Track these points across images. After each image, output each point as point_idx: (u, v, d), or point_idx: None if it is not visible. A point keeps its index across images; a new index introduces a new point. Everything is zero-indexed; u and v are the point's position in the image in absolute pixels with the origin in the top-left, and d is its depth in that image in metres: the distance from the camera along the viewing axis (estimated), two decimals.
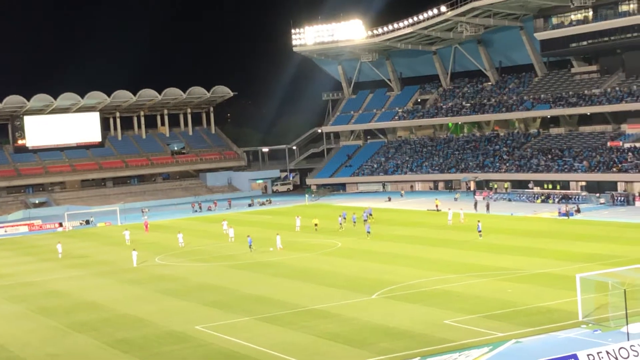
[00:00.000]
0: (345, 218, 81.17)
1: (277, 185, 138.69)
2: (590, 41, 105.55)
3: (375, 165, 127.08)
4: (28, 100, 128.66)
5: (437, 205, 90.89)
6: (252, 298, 48.64)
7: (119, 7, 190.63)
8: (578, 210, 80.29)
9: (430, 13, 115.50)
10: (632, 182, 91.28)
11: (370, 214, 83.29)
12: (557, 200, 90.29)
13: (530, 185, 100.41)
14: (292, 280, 53.72)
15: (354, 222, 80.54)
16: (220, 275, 57.74)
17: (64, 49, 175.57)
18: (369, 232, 71.99)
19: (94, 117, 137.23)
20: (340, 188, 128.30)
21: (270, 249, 67.68)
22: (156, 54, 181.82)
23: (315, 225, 78.82)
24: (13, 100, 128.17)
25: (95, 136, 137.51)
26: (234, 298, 49.00)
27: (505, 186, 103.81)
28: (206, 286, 53.77)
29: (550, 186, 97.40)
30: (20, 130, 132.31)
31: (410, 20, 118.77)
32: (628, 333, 33.89)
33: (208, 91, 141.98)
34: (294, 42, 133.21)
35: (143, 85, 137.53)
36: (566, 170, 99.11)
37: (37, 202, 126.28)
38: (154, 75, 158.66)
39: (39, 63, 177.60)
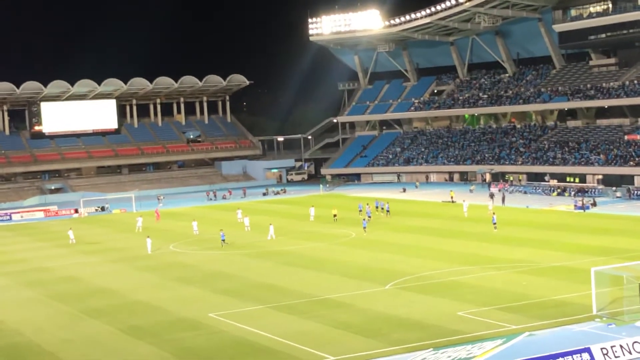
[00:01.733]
0: (361, 210, 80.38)
1: (291, 174, 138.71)
2: (609, 34, 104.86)
3: (390, 156, 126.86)
4: (45, 86, 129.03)
5: (452, 197, 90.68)
6: (265, 286, 48.67)
7: None
8: (594, 204, 79.90)
9: (448, 4, 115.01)
10: None
11: (382, 208, 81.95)
12: (573, 193, 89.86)
13: (546, 177, 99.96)
14: (305, 270, 53.72)
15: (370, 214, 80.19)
16: (234, 264, 57.81)
17: (81, 36, 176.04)
18: (369, 217, 73.97)
19: (111, 104, 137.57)
20: (355, 178, 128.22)
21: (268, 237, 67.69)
22: (173, 41, 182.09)
23: (335, 215, 77.95)
24: (30, 87, 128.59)
25: (112, 123, 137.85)
26: (248, 286, 49.05)
27: (520, 178, 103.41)
28: (220, 274, 53.85)
29: (572, 179, 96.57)
30: (37, 116, 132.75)
31: (428, 11, 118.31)
32: None
33: (224, 80, 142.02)
34: (310, 32, 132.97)
35: (159, 73, 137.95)
36: (583, 163, 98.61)
37: (53, 188, 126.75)
38: (170, 63, 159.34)
39: (56, 49, 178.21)
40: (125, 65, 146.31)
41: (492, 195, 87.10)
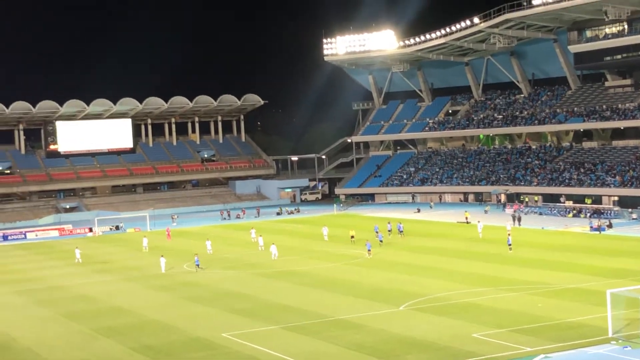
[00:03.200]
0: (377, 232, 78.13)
1: (305, 194, 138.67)
2: (624, 55, 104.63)
3: (404, 176, 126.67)
4: (61, 105, 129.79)
5: (466, 218, 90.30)
6: (278, 307, 48.52)
7: (152, 15, 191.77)
8: (610, 225, 79.40)
9: (462, 24, 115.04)
10: None
11: (399, 231, 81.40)
12: (589, 214, 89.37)
13: (562, 199, 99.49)
14: (319, 290, 53.55)
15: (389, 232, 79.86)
16: (248, 283, 57.70)
17: (97, 55, 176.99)
18: (381, 241, 72.77)
19: (126, 124, 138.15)
20: (369, 198, 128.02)
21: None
22: (188, 61, 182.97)
23: (352, 237, 76.40)
24: (46, 106, 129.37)
25: (127, 142, 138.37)
26: (261, 306, 48.91)
27: (536, 199, 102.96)
28: (233, 294, 53.75)
29: (589, 201, 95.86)
30: (52, 135, 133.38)
31: (443, 31, 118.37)
32: None
33: (239, 99, 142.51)
34: (325, 52, 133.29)
35: (175, 93, 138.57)
36: (599, 184, 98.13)
37: (67, 207, 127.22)
38: (185, 83, 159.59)
39: (72, 69, 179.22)
40: (141, 85, 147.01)
41: (516, 218, 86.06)
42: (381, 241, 73.33)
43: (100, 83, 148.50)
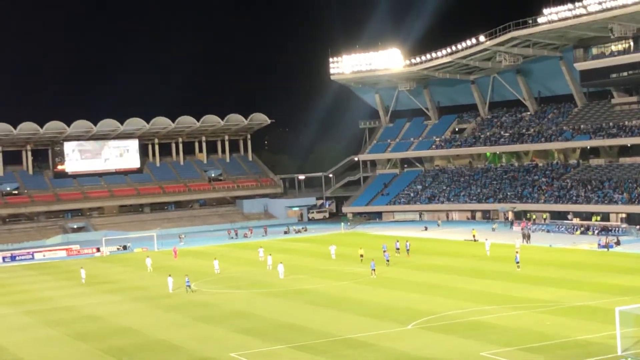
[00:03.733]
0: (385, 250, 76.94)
1: (313, 212, 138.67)
2: (630, 72, 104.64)
3: (411, 194, 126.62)
4: (68, 126, 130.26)
5: (474, 236, 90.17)
6: (286, 326, 48.43)
7: (158, 36, 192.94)
8: (618, 243, 79.17)
9: (468, 42, 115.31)
10: None
11: (401, 248, 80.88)
12: (596, 232, 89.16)
13: (569, 216, 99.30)
14: (327, 309, 53.44)
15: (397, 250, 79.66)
16: (255, 303, 57.62)
17: (104, 75, 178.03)
18: (387, 261, 71.97)
19: (133, 144, 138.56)
20: (376, 217, 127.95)
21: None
22: (195, 81, 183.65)
23: (361, 256, 75.95)
24: (53, 126, 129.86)
25: (134, 162, 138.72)
26: (269, 325, 48.82)
27: (544, 217, 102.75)
28: (241, 313, 53.67)
29: (597, 218, 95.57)
30: (60, 155, 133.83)
31: (449, 50, 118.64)
32: None
33: (246, 118, 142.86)
34: (331, 71, 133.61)
35: (182, 112, 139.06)
36: (606, 202, 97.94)
37: (75, 227, 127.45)
38: (192, 102, 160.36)
39: (79, 89, 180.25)
40: (148, 105, 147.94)
41: (526, 236, 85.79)
42: (388, 261, 72.44)
43: (108, 103, 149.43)
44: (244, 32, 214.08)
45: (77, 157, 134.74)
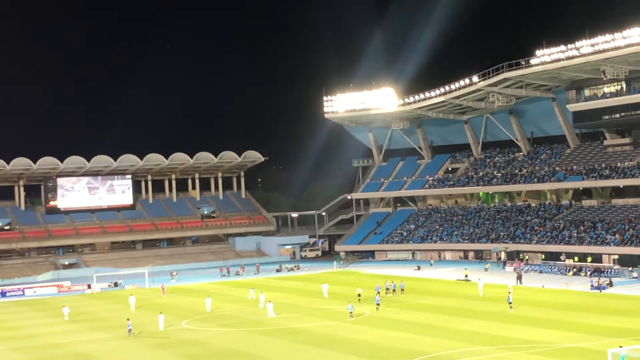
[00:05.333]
0: (379, 292, 75.18)
1: (305, 250, 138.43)
2: (623, 114, 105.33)
3: (404, 233, 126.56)
4: (61, 162, 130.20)
5: (466, 275, 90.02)
6: None
7: (152, 72, 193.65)
8: (610, 284, 79.07)
9: (462, 83, 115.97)
10: None
11: (393, 290, 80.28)
12: (589, 273, 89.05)
13: (562, 257, 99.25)
14: (318, 348, 53.13)
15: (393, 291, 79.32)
16: (247, 341, 57.26)
17: (98, 112, 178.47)
18: (378, 305, 69.67)
19: (126, 180, 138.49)
20: (369, 255, 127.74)
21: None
22: (188, 118, 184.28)
23: (359, 295, 74.99)
24: (47, 162, 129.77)
25: (127, 199, 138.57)
26: None
27: (542, 257, 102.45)
28: (232, 352, 53.32)
29: (590, 259, 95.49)
30: (52, 191, 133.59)
31: (442, 90, 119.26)
32: None
33: (239, 156, 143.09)
34: (325, 109, 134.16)
35: (175, 149, 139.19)
36: (599, 243, 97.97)
37: (66, 263, 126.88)
38: (186, 139, 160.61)
39: (73, 125, 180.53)
40: (141, 141, 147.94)
41: (519, 276, 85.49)
42: (378, 305, 69.78)
43: (101, 139, 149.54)
44: (238, 70, 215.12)
45: (69, 193, 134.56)
